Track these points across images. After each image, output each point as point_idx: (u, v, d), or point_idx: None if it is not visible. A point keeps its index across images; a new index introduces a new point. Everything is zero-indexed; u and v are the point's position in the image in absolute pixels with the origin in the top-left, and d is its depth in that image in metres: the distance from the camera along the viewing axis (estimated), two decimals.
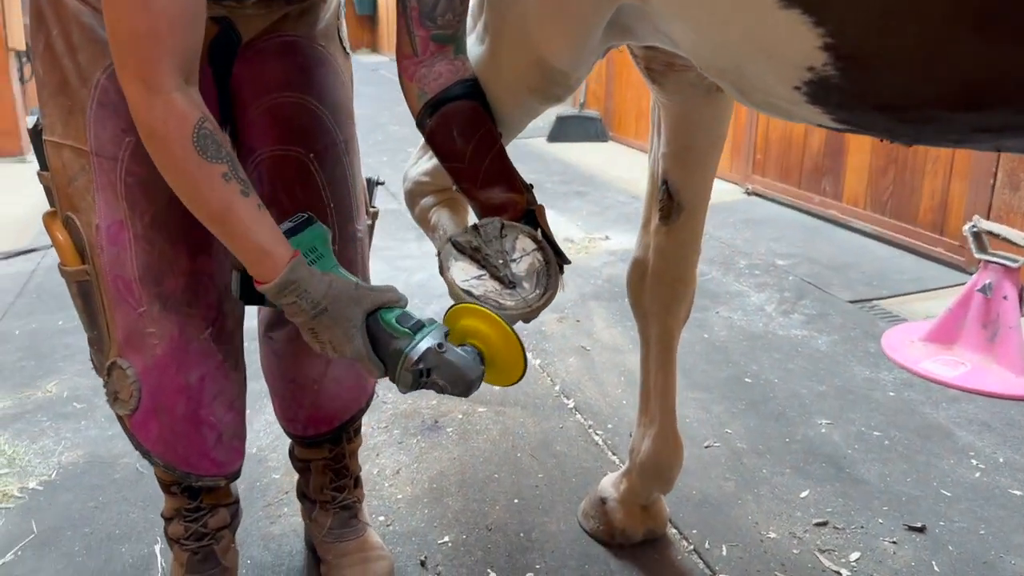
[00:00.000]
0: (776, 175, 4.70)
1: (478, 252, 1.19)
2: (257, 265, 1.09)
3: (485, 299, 1.15)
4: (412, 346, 1.10)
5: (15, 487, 1.96)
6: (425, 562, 1.71)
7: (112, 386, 1.33)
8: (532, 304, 1.16)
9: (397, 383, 1.12)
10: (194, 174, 1.04)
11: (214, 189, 1.05)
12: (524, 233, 1.21)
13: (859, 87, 0.86)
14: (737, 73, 0.98)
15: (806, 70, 0.88)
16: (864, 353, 2.72)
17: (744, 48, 0.94)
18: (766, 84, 0.95)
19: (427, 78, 1.26)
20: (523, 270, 1.19)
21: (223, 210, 1.06)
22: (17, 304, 3.15)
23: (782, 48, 0.89)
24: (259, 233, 1.08)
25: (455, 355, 1.09)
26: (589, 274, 3.49)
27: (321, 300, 1.10)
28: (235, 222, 1.07)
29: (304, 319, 1.11)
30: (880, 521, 1.85)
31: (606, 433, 2.21)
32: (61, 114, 1.25)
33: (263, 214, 1.09)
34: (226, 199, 1.05)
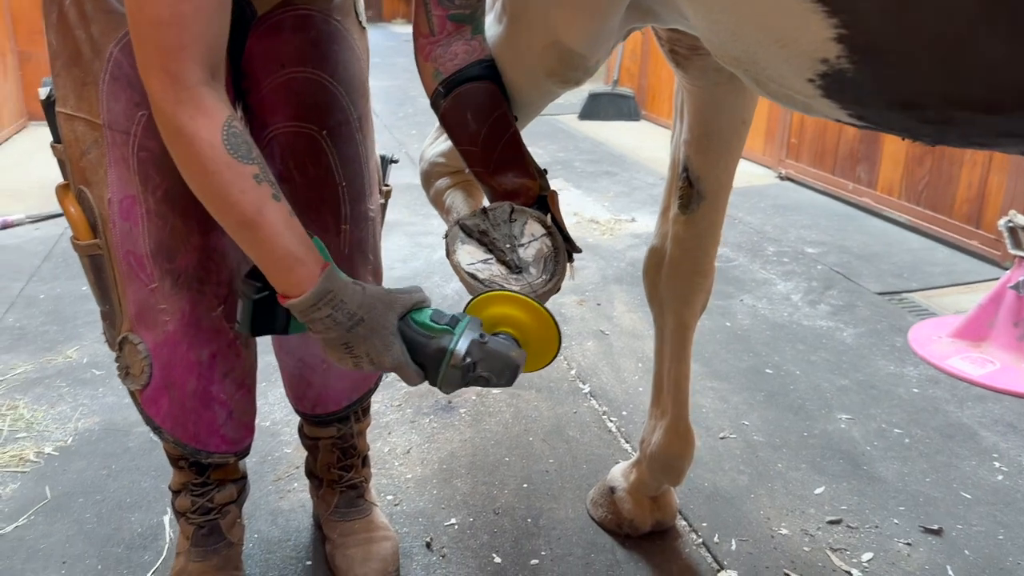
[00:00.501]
0: (810, 160, 4.61)
1: (485, 236, 1.17)
2: (288, 275, 1.02)
3: (490, 283, 1.13)
4: (455, 342, 1.05)
5: (32, 451, 1.98)
6: (431, 544, 1.71)
7: (124, 361, 1.33)
8: (538, 291, 1.13)
9: (440, 384, 1.08)
10: (224, 176, 0.98)
11: (245, 192, 0.99)
12: (534, 218, 1.18)
13: (875, 82, 0.82)
14: (751, 62, 0.94)
15: (820, 62, 0.84)
16: (890, 347, 2.66)
17: (757, 36, 0.89)
18: (781, 75, 0.91)
19: (443, 58, 1.24)
20: (531, 255, 1.17)
21: (254, 214, 0.99)
22: (43, 268, 3.18)
23: (795, 38, 0.84)
24: (292, 239, 1.01)
25: (498, 344, 1.06)
26: (612, 256, 3.45)
27: (357, 310, 1.04)
28: (266, 227, 1.00)
29: (339, 333, 1.04)
30: (896, 522, 1.81)
31: (620, 420, 2.19)
32: (74, 86, 1.23)
33: (295, 220, 1.03)
34: (258, 203, 0.99)
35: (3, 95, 5.23)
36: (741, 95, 1.46)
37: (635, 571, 1.63)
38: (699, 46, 1.38)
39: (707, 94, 1.46)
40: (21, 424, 2.10)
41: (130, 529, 1.72)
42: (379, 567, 1.57)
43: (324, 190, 1.39)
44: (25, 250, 3.38)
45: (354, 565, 1.57)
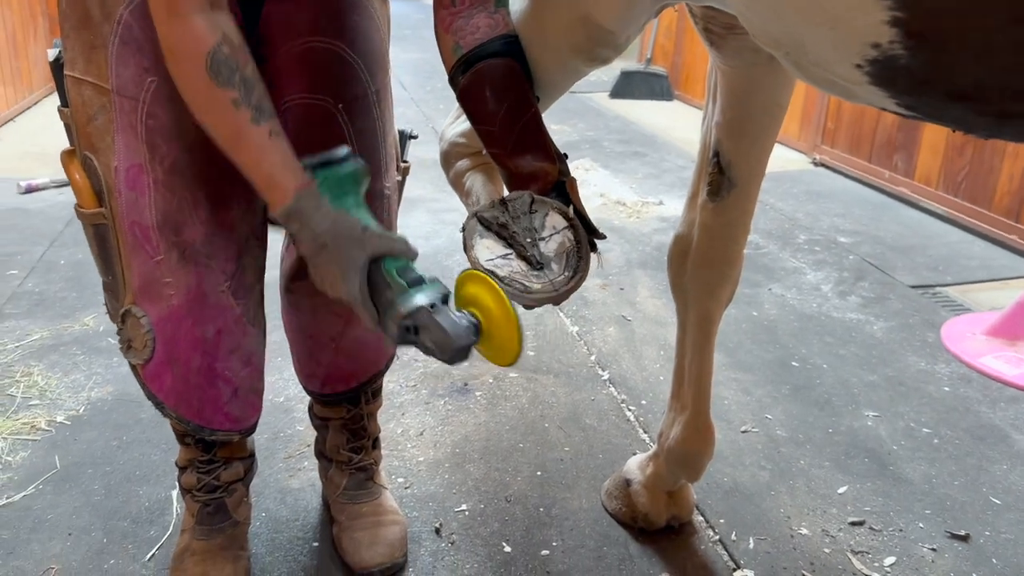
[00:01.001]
0: (846, 147, 4.49)
1: (505, 229, 1.12)
2: (265, 192, 1.07)
3: (510, 280, 1.08)
4: (404, 299, 1.06)
5: (43, 420, 1.97)
6: (440, 529, 1.67)
7: (126, 334, 1.30)
8: (559, 288, 1.08)
9: (385, 333, 1.08)
10: (206, 98, 1.03)
11: (225, 114, 1.03)
12: (555, 209, 1.13)
13: (929, 70, 0.75)
14: (794, 44, 0.87)
15: (870, 47, 0.77)
16: (921, 343, 2.58)
17: (802, 16, 0.83)
18: (825, 59, 0.85)
19: (464, 30, 1.18)
20: (552, 250, 1.11)
21: (233, 136, 1.05)
22: (65, 233, 3.17)
23: (845, 19, 0.77)
24: (266, 162, 1.06)
25: (447, 319, 1.04)
26: (638, 240, 3.38)
27: (322, 235, 1.06)
28: (244, 149, 1.05)
29: (306, 251, 1.08)
30: (921, 525, 1.75)
31: (639, 409, 2.14)
32: (83, 49, 1.20)
33: (274, 142, 1.06)
34: (235, 126, 1.04)
35: (32, 59, 5.23)
36: (778, 78, 1.39)
37: (648, 567, 1.59)
38: (735, 25, 1.31)
39: (742, 75, 1.39)
40: (35, 391, 2.10)
41: (137, 503, 1.71)
42: (386, 551, 1.54)
43: None
44: (48, 215, 3.37)
45: (360, 548, 1.54)
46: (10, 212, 3.39)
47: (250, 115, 1.03)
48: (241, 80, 1.03)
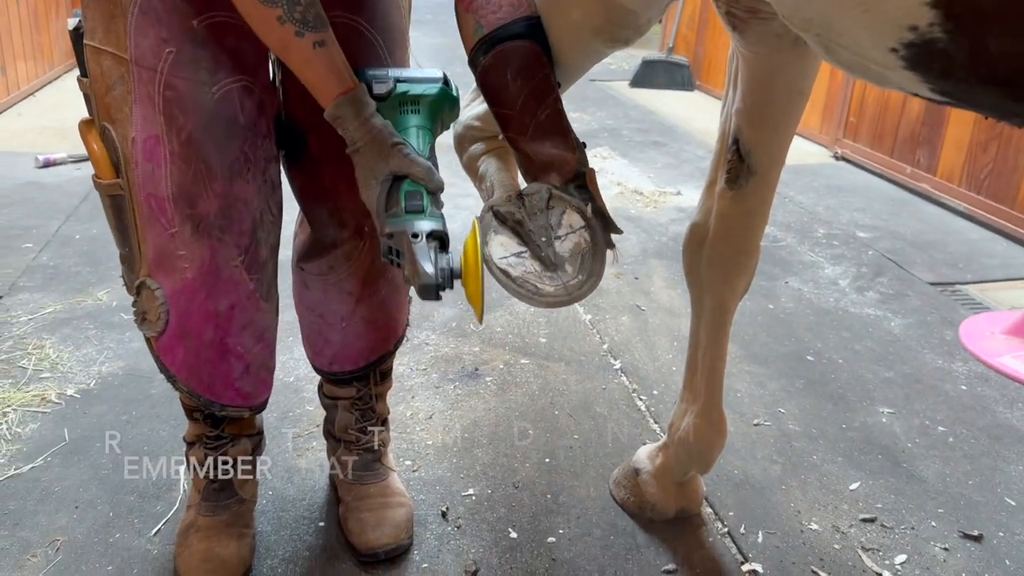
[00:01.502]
0: (868, 141, 4.43)
1: (521, 226, 1.10)
2: (318, 98, 1.14)
3: (523, 281, 1.07)
4: (395, 221, 1.11)
5: (54, 392, 1.98)
6: (446, 513, 1.66)
7: (140, 306, 1.29)
8: (572, 292, 1.07)
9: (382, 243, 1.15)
10: (253, 16, 1.09)
11: (271, 31, 1.09)
12: (573, 207, 1.11)
13: (969, 55, 0.72)
14: (825, 26, 0.84)
15: (907, 29, 0.74)
16: (939, 340, 2.54)
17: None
18: (858, 42, 0.82)
19: (485, 9, 1.16)
20: (567, 250, 1.09)
21: (281, 48, 1.11)
22: (81, 208, 3.18)
23: (883, 3, 0.75)
24: (310, 71, 1.12)
25: (424, 255, 1.08)
26: (654, 230, 3.35)
27: (356, 140, 1.13)
28: (292, 60, 1.12)
29: (350, 152, 1.15)
30: (933, 524, 1.72)
31: (650, 399, 2.12)
32: (102, 19, 1.18)
33: (318, 53, 1.11)
34: (282, 40, 1.09)
35: (54, 33, 5.24)
36: (801, 64, 1.36)
37: (655, 557, 1.57)
38: (759, 8, 1.28)
39: (764, 61, 1.36)
40: (46, 364, 2.10)
41: (144, 478, 1.71)
42: (391, 533, 1.53)
43: None
44: (65, 189, 3.38)
45: (366, 530, 1.53)
46: (27, 186, 3.40)
47: (295, 29, 1.08)
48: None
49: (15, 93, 4.58)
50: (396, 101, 1.19)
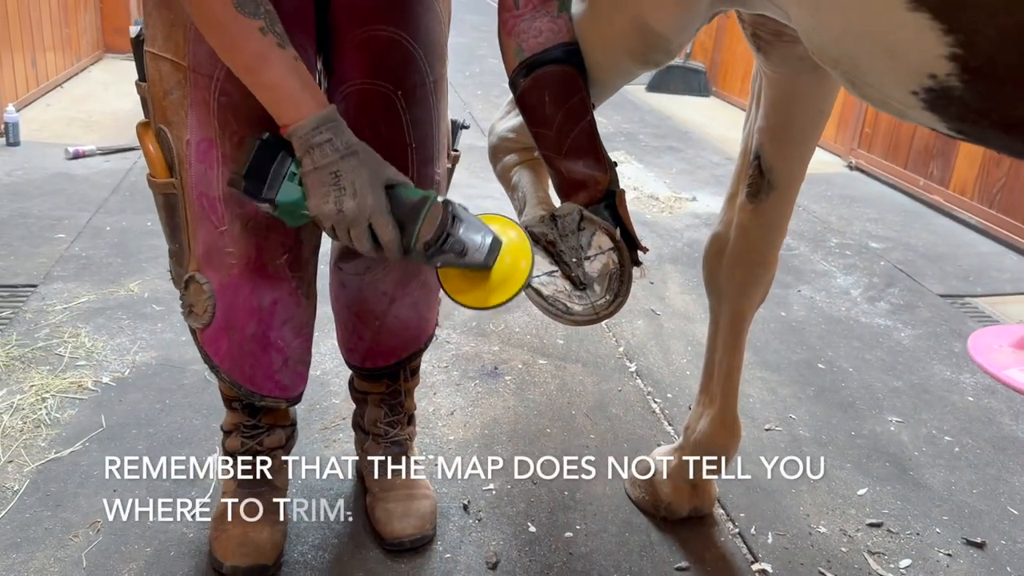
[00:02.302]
0: (882, 152, 4.48)
1: (553, 246, 1.17)
2: (294, 107, 1.10)
3: (554, 300, 1.13)
4: (435, 197, 1.12)
5: (90, 380, 2.05)
6: (468, 507, 1.73)
7: (188, 299, 1.36)
8: (599, 312, 1.13)
9: (413, 241, 1.12)
10: (230, 27, 1.07)
11: (250, 41, 1.07)
12: (602, 230, 1.17)
13: (984, 102, 0.78)
14: (851, 65, 0.91)
15: (927, 76, 0.81)
16: (948, 352, 2.60)
17: (864, 43, 0.86)
18: (881, 83, 0.88)
19: (526, 34, 1.22)
20: (596, 270, 1.16)
21: (258, 59, 1.08)
22: (111, 200, 3.26)
23: (905, 51, 0.81)
24: (296, 79, 1.10)
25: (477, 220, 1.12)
26: (670, 235, 3.41)
27: (354, 144, 1.12)
28: (271, 69, 1.09)
29: (332, 159, 1.11)
30: (938, 531, 1.78)
31: (665, 402, 2.18)
32: (163, 27, 1.25)
33: (300, 66, 1.11)
34: (262, 50, 1.08)
35: (82, 25, 5.33)
36: (822, 86, 1.42)
37: (669, 554, 1.64)
38: (783, 31, 1.34)
39: (787, 82, 1.42)
40: (82, 352, 2.17)
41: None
42: (417, 523, 1.60)
43: (393, 151, 1.39)
44: (94, 181, 3.46)
45: (392, 519, 1.60)
46: (57, 177, 3.48)
47: (276, 40, 1.09)
48: (265, 12, 1.08)
49: (44, 84, 4.66)
50: None
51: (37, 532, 1.56)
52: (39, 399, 1.95)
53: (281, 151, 1.14)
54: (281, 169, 1.14)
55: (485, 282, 1.14)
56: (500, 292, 1.14)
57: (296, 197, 1.14)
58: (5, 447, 1.78)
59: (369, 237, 1.13)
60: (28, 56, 4.39)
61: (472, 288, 1.15)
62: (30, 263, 2.65)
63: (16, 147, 3.80)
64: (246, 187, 1.13)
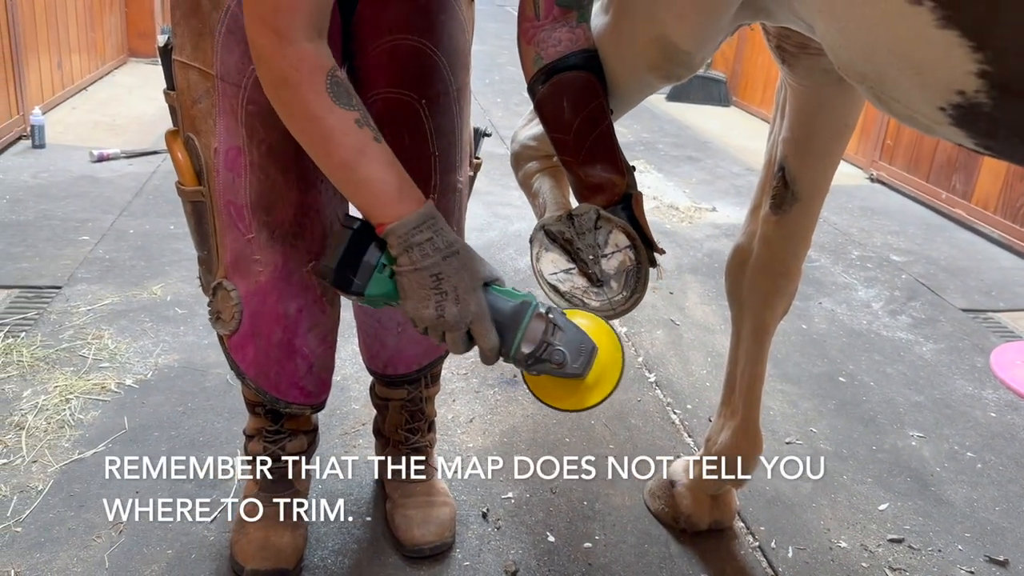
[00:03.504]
0: (904, 164, 4.45)
1: (570, 244, 1.17)
2: (394, 204, 1.06)
3: (571, 296, 1.14)
4: (536, 303, 1.08)
5: (113, 382, 2.07)
6: (487, 515, 1.73)
7: (216, 305, 1.37)
8: (616, 307, 1.14)
9: (514, 348, 1.07)
10: (327, 120, 1.03)
11: (347, 135, 1.03)
12: (619, 228, 1.17)
13: (1012, 119, 0.78)
14: (878, 81, 0.91)
15: (955, 93, 0.81)
16: (970, 367, 2.58)
17: (891, 60, 0.86)
18: (908, 99, 0.88)
19: (546, 43, 1.23)
20: (613, 267, 1.16)
21: (356, 154, 1.04)
22: (134, 203, 3.29)
23: (933, 68, 0.81)
24: (394, 176, 1.06)
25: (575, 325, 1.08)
26: (689, 246, 3.40)
27: (455, 242, 1.08)
28: (368, 165, 1.05)
29: (434, 260, 1.06)
30: (960, 548, 1.76)
31: (684, 413, 2.17)
32: (191, 36, 1.26)
33: (395, 160, 1.08)
34: (360, 144, 1.04)
35: (107, 29, 5.39)
36: (847, 98, 1.42)
37: (688, 567, 1.63)
38: (808, 44, 1.34)
39: (811, 94, 1.42)
40: (105, 354, 2.19)
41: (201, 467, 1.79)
42: (436, 531, 1.60)
43: (417, 159, 1.40)
44: (118, 184, 3.50)
45: (412, 526, 1.60)
46: (82, 180, 3.52)
47: (372, 134, 1.06)
48: (358, 103, 1.06)
49: (69, 87, 4.71)
50: None
51: (60, 532, 1.58)
52: (63, 400, 1.97)
53: (372, 241, 1.09)
54: (372, 261, 1.09)
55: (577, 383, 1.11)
56: (595, 393, 1.11)
57: (386, 290, 1.10)
58: (30, 447, 1.80)
59: (465, 341, 1.09)
60: (54, 59, 4.45)
61: (564, 392, 1.12)
62: (55, 265, 2.68)
63: (41, 150, 3.85)
64: (336, 278, 1.09)
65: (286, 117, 1.06)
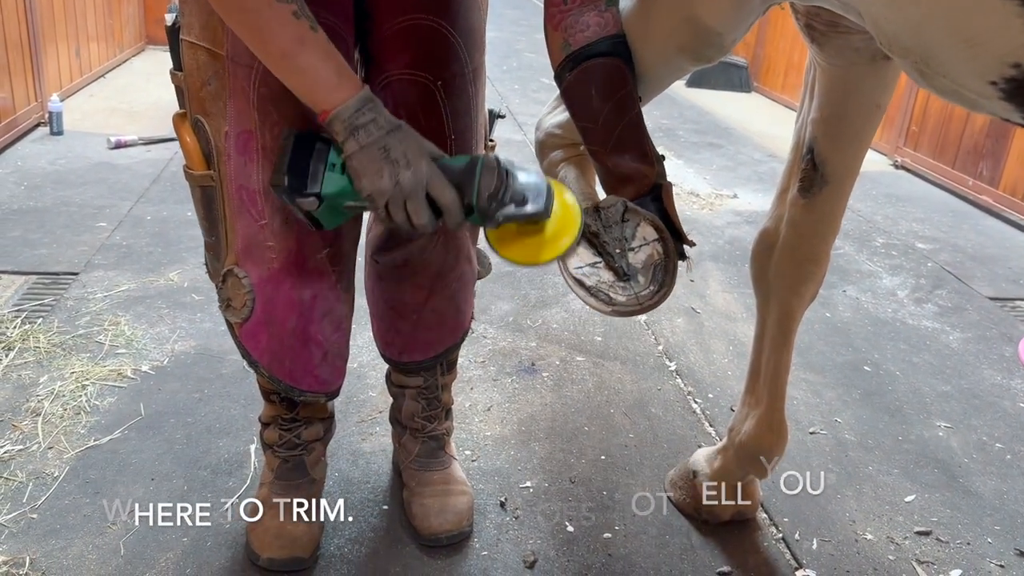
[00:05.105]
0: (929, 151, 4.37)
1: (596, 238, 1.14)
2: (334, 90, 1.07)
3: (596, 291, 1.11)
4: (484, 156, 1.11)
5: (129, 368, 2.06)
6: (505, 504, 1.70)
7: (225, 293, 1.35)
8: (643, 302, 1.10)
9: (474, 195, 1.09)
10: (263, 13, 1.04)
11: (285, 26, 1.04)
12: (647, 220, 1.14)
13: None
14: (925, 55, 0.86)
15: (1011, 66, 0.77)
16: (998, 356, 2.52)
17: (942, 33, 0.82)
18: (957, 73, 0.84)
19: (573, 28, 1.19)
20: (640, 261, 1.12)
21: (295, 44, 1.05)
22: (152, 190, 3.28)
23: (988, 39, 0.77)
24: (333, 62, 1.07)
25: (520, 165, 1.11)
26: (711, 233, 3.35)
27: (395, 120, 1.10)
28: (308, 54, 1.06)
29: (379, 136, 1.08)
30: (989, 540, 1.72)
31: (705, 402, 2.14)
32: (200, 14, 1.23)
33: (333, 48, 1.08)
34: (298, 34, 1.05)
35: (125, 17, 5.38)
36: (879, 78, 1.37)
37: (710, 558, 1.60)
38: (839, 22, 1.30)
39: (842, 73, 1.37)
40: (121, 340, 2.18)
41: (217, 454, 1.77)
42: (454, 520, 1.58)
43: (433, 141, 1.37)
44: (135, 171, 3.49)
45: (430, 515, 1.58)
46: (100, 166, 3.52)
47: (308, 23, 1.06)
48: None
49: (87, 75, 4.71)
50: None
51: (76, 519, 1.56)
52: (79, 386, 1.96)
53: (316, 143, 1.12)
54: (320, 162, 1.12)
55: (538, 237, 1.12)
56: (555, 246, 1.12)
57: (342, 186, 1.12)
58: (46, 433, 1.79)
59: (427, 207, 1.10)
60: (72, 47, 4.45)
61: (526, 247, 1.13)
62: (72, 251, 2.67)
63: (60, 136, 3.85)
64: (289, 184, 1.11)
65: (224, 13, 1.07)
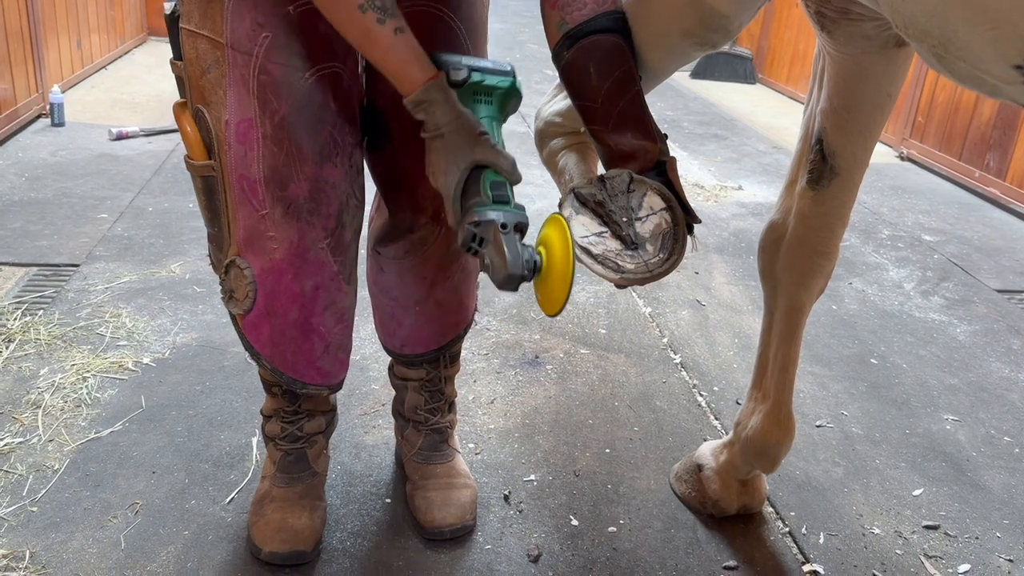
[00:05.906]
0: (936, 142, 4.34)
1: (602, 207, 1.11)
2: (397, 83, 1.15)
3: (604, 258, 1.08)
4: (482, 209, 1.12)
5: (130, 360, 2.04)
6: (509, 497, 1.69)
7: (228, 284, 1.33)
8: (653, 270, 1.08)
9: (459, 236, 1.15)
10: (333, 5, 1.11)
11: (353, 20, 1.11)
12: (653, 190, 1.11)
13: None
14: (943, 38, 0.84)
15: None
16: (1006, 349, 2.50)
17: (963, 14, 0.79)
18: (978, 57, 0.81)
19: (571, 6, 1.17)
20: (648, 230, 1.10)
21: (362, 36, 1.12)
22: (153, 181, 3.26)
23: (1014, 20, 0.74)
24: (395, 57, 1.13)
25: (511, 245, 1.09)
26: (715, 225, 3.33)
27: (442, 126, 1.14)
28: (374, 47, 1.13)
29: (427, 136, 1.16)
30: (998, 535, 1.70)
31: (711, 395, 2.12)
32: (199, 3, 1.22)
33: (400, 38, 1.13)
34: (363, 27, 1.11)
35: (126, 8, 5.36)
36: (890, 66, 1.35)
37: (716, 553, 1.58)
38: (849, 9, 1.27)
39: (852, 62, 1.35)
40: (123, 332, 2.17)
41: (218, 447, 1.76)
42: (457, 513, 1.56)
43: None
44: (137, 162, 3.47)
45: (433, 508, 1.56)
46: (101, 158, 3.50)
47: (376, 16, 1.10)
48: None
49: (89, 66, 4.69)
50: (470, 90, 1.20)
51: (76, 512, 1.55)
52: (80, 378, 1.95)
53: None
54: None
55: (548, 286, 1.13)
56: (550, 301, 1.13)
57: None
58: (46, 426, 1.78)
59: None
60: (73, 38, 4.42)
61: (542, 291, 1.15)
62: (73, 243, 2.66)
63: (61, 128, 3.83)
64: None
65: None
